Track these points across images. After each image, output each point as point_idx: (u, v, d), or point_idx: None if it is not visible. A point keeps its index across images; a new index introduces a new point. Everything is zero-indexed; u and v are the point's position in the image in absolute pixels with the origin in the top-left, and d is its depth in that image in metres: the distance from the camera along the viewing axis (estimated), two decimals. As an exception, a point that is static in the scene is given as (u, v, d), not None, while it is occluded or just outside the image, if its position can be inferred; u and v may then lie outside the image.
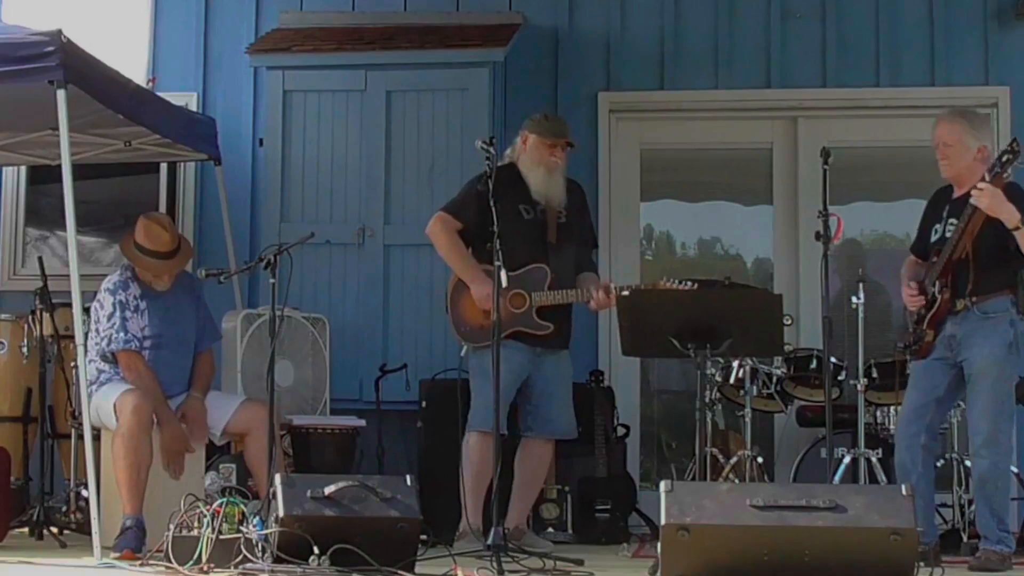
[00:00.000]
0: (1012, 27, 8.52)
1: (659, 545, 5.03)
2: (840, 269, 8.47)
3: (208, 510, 5.59)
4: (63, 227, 6.79)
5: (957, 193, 6.30)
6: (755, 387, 7.62)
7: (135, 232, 6.72)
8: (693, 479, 6.93)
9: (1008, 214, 5.96)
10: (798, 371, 7.67)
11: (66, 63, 6.27)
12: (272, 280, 6.27)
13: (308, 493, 5.45)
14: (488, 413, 6.19)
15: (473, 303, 6.70)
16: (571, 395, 6.93)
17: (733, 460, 7.55)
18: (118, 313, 6.59)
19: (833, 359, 7.00)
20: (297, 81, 8.37)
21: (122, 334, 6.57)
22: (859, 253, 8.90)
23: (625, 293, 6.43)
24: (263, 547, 5.45)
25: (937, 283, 6.19)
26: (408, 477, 5.69)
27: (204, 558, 5.51)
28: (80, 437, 6.77)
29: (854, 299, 7.16)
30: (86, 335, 6.45)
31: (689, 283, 6.64)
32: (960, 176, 6.27)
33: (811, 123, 8.79)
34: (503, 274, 6.03)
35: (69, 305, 6.50)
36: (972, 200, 6.02)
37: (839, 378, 7.46)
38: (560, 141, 6.83)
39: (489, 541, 5.90)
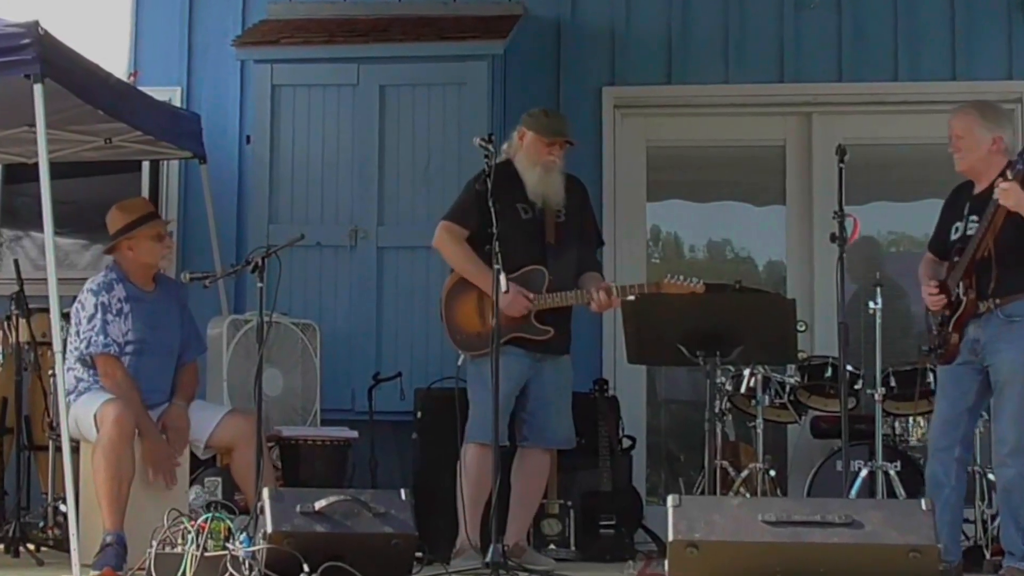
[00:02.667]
0: (1037, 19, 8.54)
1: (666, 563, 5.03)
2: (854, 270, 8.46)
3: (192, 526, 5.59)
4: (39, 228, 6.79)
5: (978, 188, 6.30)
6: (767, 396, 7.62)
7: (111, 223, 6.75)
8: (702, 493, 6.93)
9: None
10: (812, 380, 7.67)
11: (43, 56, 6.27)
12: (260, 284, 6.27)
13: (297, 508, 5.45)
14: (487, 424, 6.19)
15: (469, 309, 6.69)
16: (570, 403, 6.92)
17: (744, 473, 7.55)
18: (99, 315, 6.59)
19: (849, 367, 6.99)
20: (286, 75, 8.37)
21: (102, 337, 6.57)
22: (876, 253, 8.90)
23: (631, 298, 6.42)
24: (250, 565, 5.44)
25: (961, 284, 6.19)
26: (403, 491, 5.70)
27: (188, 576, 5.52)
28: (58, 449, 6.77)
29: (871, 304, 7.16)
30: (64, 342, 6.45)
31: (695, 280, 6.63)
32: (975, 169, 6.28)
33: (826, 119, 8.79)
34: (502, 277, 6.04)
35: (46, 310, 6.51)
36: (995, 197, 6.02)
37: (855, 387, 7.47)
38: (559, 140, 6.82)
39: (488, 558, 5.90)
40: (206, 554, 5.51)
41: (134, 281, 6.74)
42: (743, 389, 7.67)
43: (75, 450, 6.40)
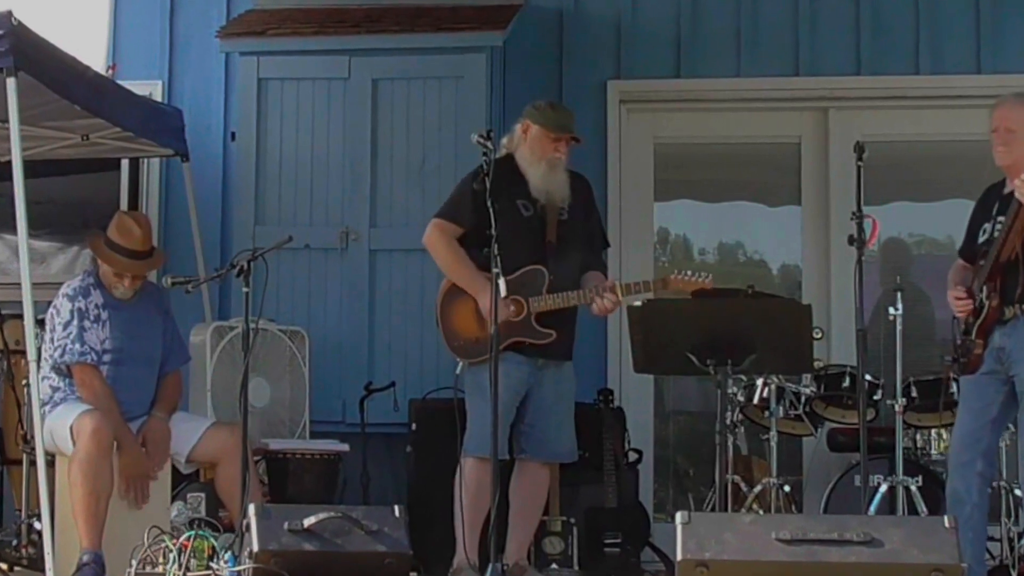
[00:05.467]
0: (1066, 8, 8.54)
1: (675, 583, 5.04)
2: (884, 275, 8.47)
3: (174, 544, 5.60)
4: (11, 229, 6.80)
5: (1009, 188, 6.29)
6: (781, 408, 7.62)
7: (108, 227, 6.76)
8: (713, 510, 6.94)
9: None
10: (829, 390, 7.67)
11: (17, 48, 6.28)
12: (246, 289, 6.28)
13: (285, 525, 5.46)
14: (486, 436, 6.19)
15: (467, 314, 6.68)
16: (572, 413, 6.92)
17: (757, 489, 7.55)
18: (76, 322, 6.61)
19: (868, 376, 7.01)
20: (273, 68, 8.38)
21: (78, 345, 6.58)
22: (906, 256, 8.91)
23: (637, 303, 6.42)
24: (235, 585, 5.46)
25: (984, 288, 6.18)
26: (396, 508, 5.70)
27: (170, 597, 5.52)
28: (32, 463, 6.77)
29: (891, 310, 7.16)
30: (39, 350, 6.45)
31: (704, 275, 6.63)
32: (1016, 166, 6.26)
33: (843, 115, 8.80)
34: (501, 282, 6.03)
35: (20, 317, 6.51)
36: (1016, 193, 6.02)
37: (875, 398, 7.47)
38: (565, 135, 6.83)
39: (486, 579, 5.91)
40: (189, 574, 5.52)
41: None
42: (756, 400, 7.66)
43: (50, 464, 6.40)
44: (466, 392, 6.73)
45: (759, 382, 7.62)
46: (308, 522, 5.47)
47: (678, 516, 5.06)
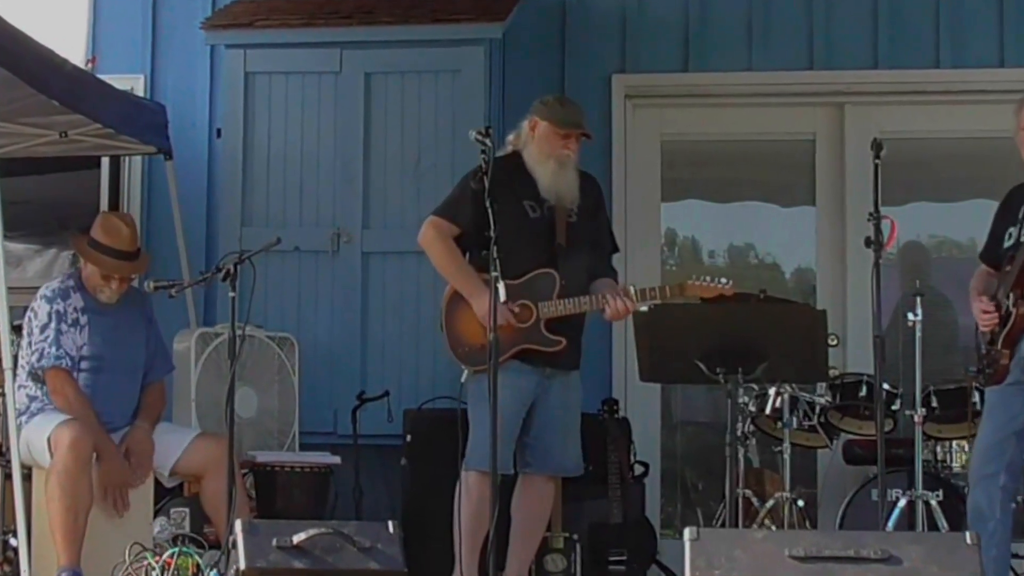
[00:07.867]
0: (1094, -2, 8.55)
1: (683, 602, 5.04)
2: (901, 280, 8.47)
3: (157, 561, 5.61)
4: (-13, 231, 6.81)
5: (1035, 190, 6.31)
6: (795, 418, 7.62)
7: (91, 228, 6.76)
8: (723, 526, 6.94)
9: None
10: (845, 399, 7.67)
11: (-8, 40, 6.30)
12: (232, 294, 6.28)
13: (274, 542, 5.46)
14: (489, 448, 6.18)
15: (472, 319, 6.66)
16: (579, 424, 6.91)
17: (769, 503, 7.55)
18: (53, 325, 6.61)
19: (886, 385, 7.00)
20: (261, 61, 8.39)
21: (54, 349, 6.58)
22: (924, 260, 8.92)
23: (644, 308, 6.42)
24: (221, 605, 5.46)
25: (1011, 295, 6.19)
26: (390, 523, 5.70)
27: (152, 617, 5.53)
28: (8, 476, 6.77)
29: (910, 315, 7.16)
30: (15, 358, 6.45)
31: (723, 281, 6.62)
32: None
33: (860, 110, 8.81)
34: (501, 286, 6.01)
35: (-5, 322, 6.52)
36: None
37: (893, 408, 7.47)
38: (576, 132, 6.82)
39: (485, 597, 5.90)
40: (172, 593, 5.53)
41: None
42: (768, 410, 7.66)
43: (27, 477, 6.39)
44: (469, 402, 6.70)
45: (771, 391, 7.62)
46: (298, 538, 5.47)
47: (686, 532, 5.05)
